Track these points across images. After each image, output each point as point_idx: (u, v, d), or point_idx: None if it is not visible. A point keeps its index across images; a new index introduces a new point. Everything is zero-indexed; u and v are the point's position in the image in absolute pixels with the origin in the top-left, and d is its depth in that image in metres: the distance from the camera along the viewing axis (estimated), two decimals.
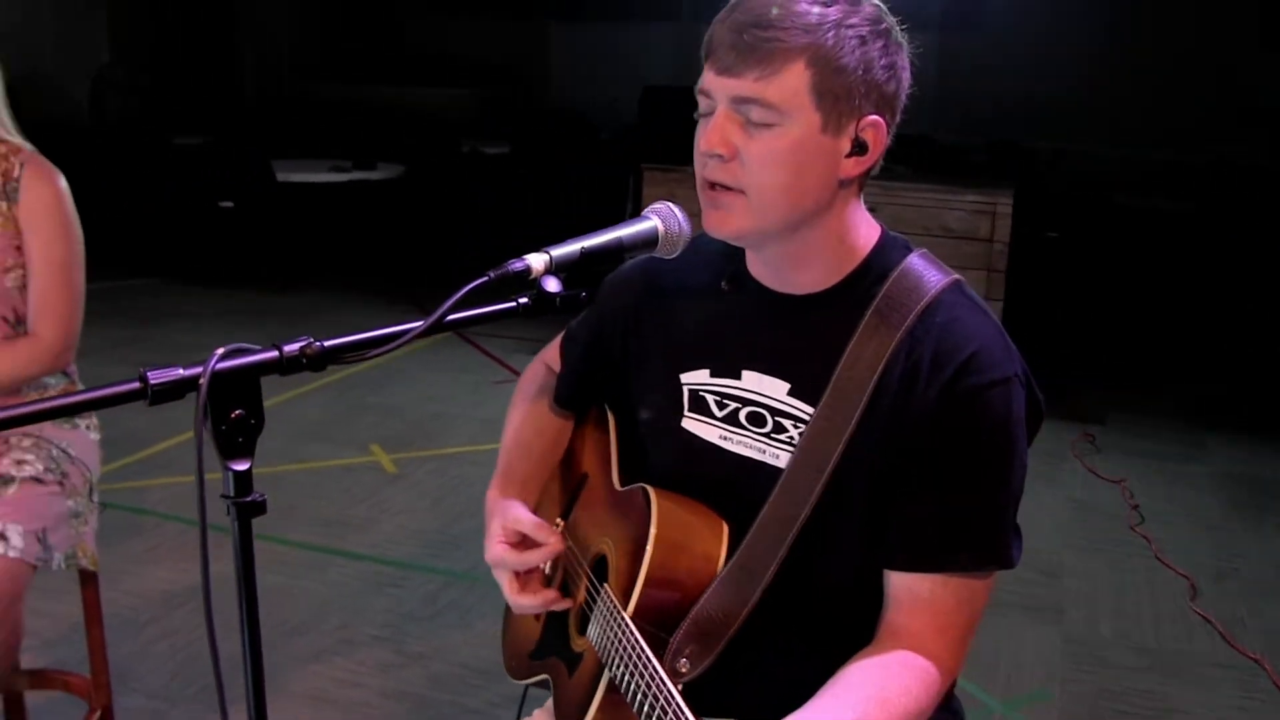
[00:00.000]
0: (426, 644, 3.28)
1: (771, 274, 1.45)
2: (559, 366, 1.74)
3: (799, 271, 1.42)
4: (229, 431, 1.08)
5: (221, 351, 1.07)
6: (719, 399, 1.48)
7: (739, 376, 1.47)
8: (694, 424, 1.50)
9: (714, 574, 1.41)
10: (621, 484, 1.59)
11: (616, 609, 1.42)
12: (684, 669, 1.39)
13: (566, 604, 1.59)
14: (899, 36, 1.36)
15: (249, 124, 9.89)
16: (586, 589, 1.55)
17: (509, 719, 1.76)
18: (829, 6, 1.30)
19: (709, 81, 1.34)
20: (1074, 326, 7.07)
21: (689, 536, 1.43)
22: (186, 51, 10.16)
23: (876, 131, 1.35)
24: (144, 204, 8.03)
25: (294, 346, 1.11)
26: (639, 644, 1.35)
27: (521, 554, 1.55)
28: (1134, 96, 8.50)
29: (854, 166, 1.35)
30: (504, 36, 10.68)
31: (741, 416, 1.46)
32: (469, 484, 4.52)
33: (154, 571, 3.59)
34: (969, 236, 5.70)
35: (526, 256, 1.24)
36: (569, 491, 1.72)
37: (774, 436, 1.43)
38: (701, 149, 1.35)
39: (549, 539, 1.54)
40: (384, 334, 1.17)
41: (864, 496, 1.37)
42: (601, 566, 1.52)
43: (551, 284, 1.25)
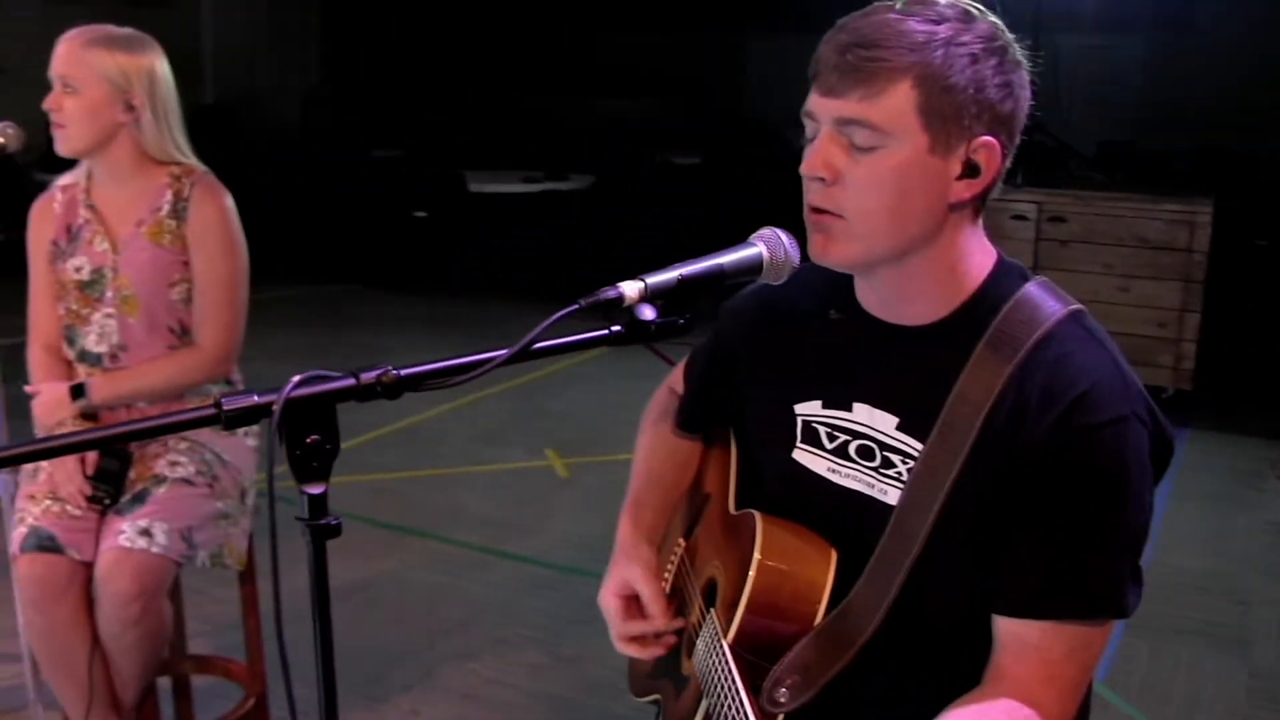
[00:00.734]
0: (581, 647, 3.33)
1: (881, 304, 1.42)
2: (682, 390, 1.76)
3: (909, 302, 1.39)
4: (303, 456, 1.12)
5: (298, 379, 1.11)
6: (830, 431, 1.46)
7: (850, 409, 1.44)
8: (804, 455, 1.49)
9: (819, 601, 1.39)
10: (736, 508, 1.60)
11: (718, 636, 1.42)
12: (783, 699, 1.38)
13: (660, 651, 1.61)
14: (1017, 54, 1.32)
15: (443, 136, 10.24)
16: (699, 612, 1.56)
17: None
18: (938, 24, 1.27)
19: (813, 103, 1.32)
20: None
21: (795, 563, 1.42)
22: (388, 70, 10.61)
23: (990, 153, 1.30)
24: (345, 213, 8.44)
25: (371, 375, 1.14)
26: (733, 676, 1.36)
27: (625, 621, 1.60)
28: None
29: (965, 190, 1.31)
30: (697, 48, 10.73)
31: (851, 449, 1.44)
32: None
33: None
34: (1166, 247, 5.45)
35: (621, 284, 1.24)
36: (694, 511, 1.74)
37: (882, 471, 1.40)
38: (804, 172, 1.33)
39: (657, 616, 1.57)
40: (463, 363, 1.19)
41: (972, 537, 1.33)
42: (713, 591, 1.53)
43: (647, 311, 1.23)
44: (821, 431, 1.47)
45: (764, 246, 1.33)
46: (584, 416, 5.46)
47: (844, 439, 1.45)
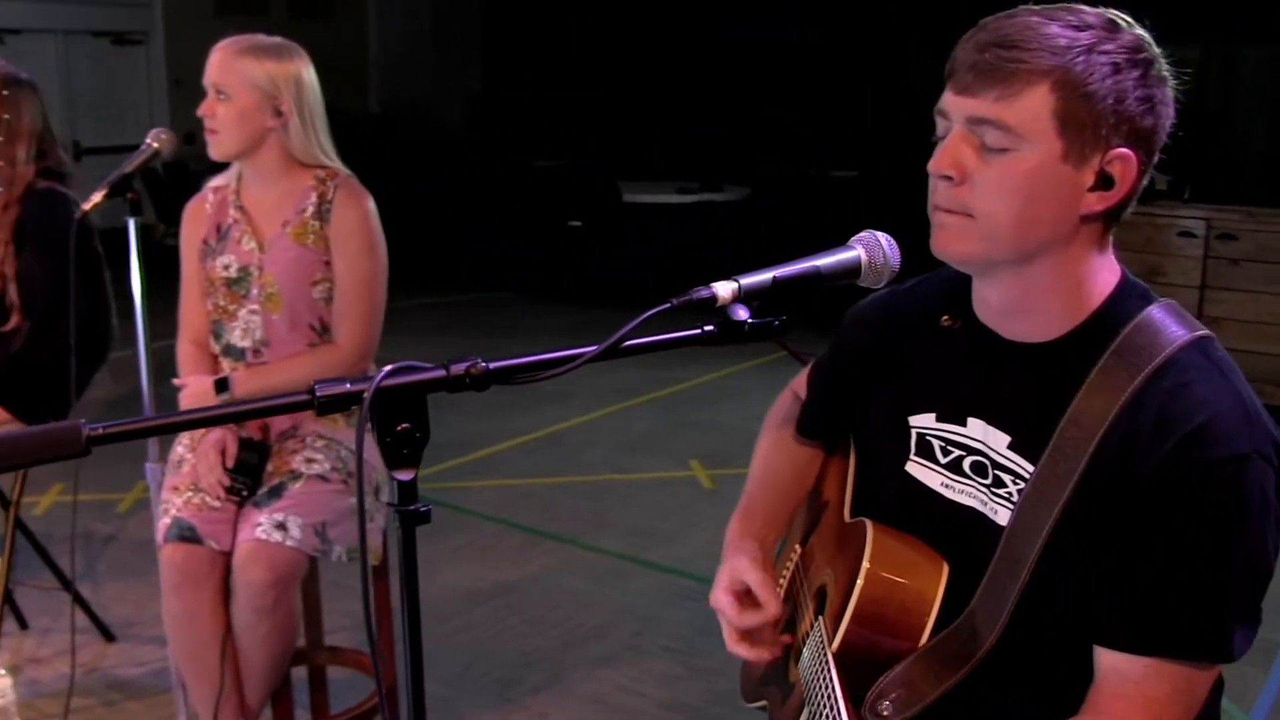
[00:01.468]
0: (717, 660, 3.29)
1: (998, 314, 1.38)
2: (805, 395, 1.73)
3: (1027, 314, 1.34)
4: (394, 443, 1.14)
5: (390, 369, 1.13)
6: (944, 445, 1.44)
7: (964, 423, 1.41)
8: (917, 468, 1.46)
9: (928, 615, 1.36)
10: (851, 516, 1.57)
11: (824, 644, 1.40)
12: (886, 712, 1.35)
13: (772, 655, 1.56)
14: (1163, 70, 1.27)
15: (601, 145, 10.35)
16: (809, 619, 1.54)
17: None
18: (1082, 30, 1.24)
19: (947, 101, 1.30)
20: None
21: (905, 573, 1.39)
22: (548, 78, 10.79)
23: (1126, 166, 1.26)
24: (502, 222, 8.60)
25: (460, 366, 1.15)
26: (834, 685, 1.33)
27: (740, 613, 1.53)
28: None
29: (1098, 202, 1.27)
30: (857, 61, 10.57)
31: (966, 465, 1.41)
32: None
33: (467, 568, 3.83)
34: None
35: (714, 284, 1.23)
36: (812, 517, 1.72)
37: (994, 490, 1.37)
38: (931, 170, 1.31)
39: (769, 602, 1.52)
40: (553, 358, 1.20)
41: (1080, 565, 1.29)
42: (823, 598, 1.51)
43: (741, 312, 1.22)
44: (936, 445, 1.44)
45: (862, 249, 1.31)
46: (729, 428, 5.43)
47: (958, 454, 1.41)
